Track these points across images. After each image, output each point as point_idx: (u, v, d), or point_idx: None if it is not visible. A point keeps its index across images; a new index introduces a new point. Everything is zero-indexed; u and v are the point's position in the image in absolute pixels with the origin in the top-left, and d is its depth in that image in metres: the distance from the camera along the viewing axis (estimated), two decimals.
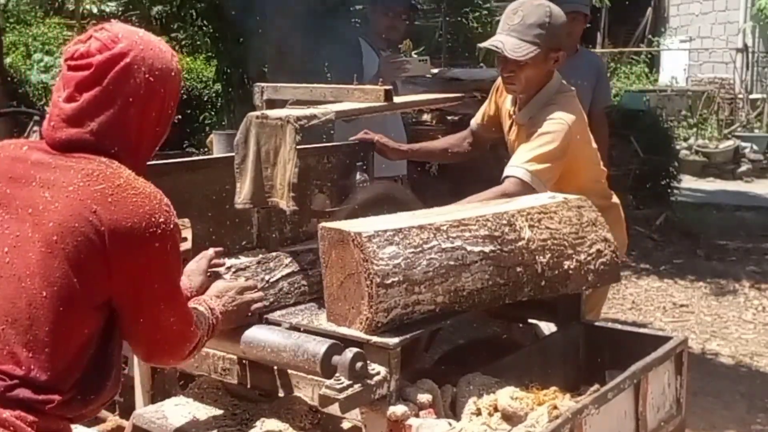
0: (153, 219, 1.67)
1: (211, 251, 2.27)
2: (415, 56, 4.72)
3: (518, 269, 2.35)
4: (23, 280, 1.62)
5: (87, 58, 1.71)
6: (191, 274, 2.20)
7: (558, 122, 3.01)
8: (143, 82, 1.72)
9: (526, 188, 2.92)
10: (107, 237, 1.63)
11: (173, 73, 1.80)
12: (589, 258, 2.52)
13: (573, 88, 3.23)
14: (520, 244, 2.37)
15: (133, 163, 1.75)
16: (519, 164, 2.97)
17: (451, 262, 2.21)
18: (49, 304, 1.61)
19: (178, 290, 1.81)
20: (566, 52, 3.15)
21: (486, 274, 2.28)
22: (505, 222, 2.37)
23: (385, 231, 2.13)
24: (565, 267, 2.46)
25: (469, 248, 2.25)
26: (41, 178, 1.67)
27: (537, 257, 2.40)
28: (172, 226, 1.70)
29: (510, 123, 3.30)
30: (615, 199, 3.47)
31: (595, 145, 3.32)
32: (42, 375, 1.62)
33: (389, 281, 2.08)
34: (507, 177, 2.98)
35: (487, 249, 2.29)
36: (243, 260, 2.42)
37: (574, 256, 2.48)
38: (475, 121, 3.55)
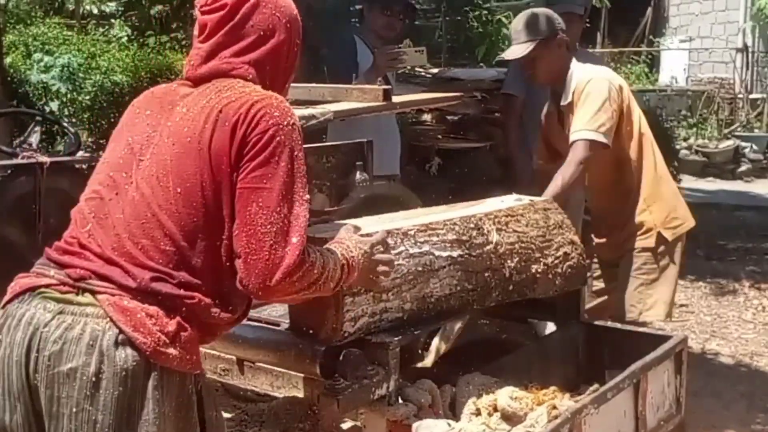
0: (269, 116, 1.73)
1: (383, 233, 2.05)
2: (411, 47, 4.67)
3: (486, 274, 2.32)
4: (161, 180, 1.74)
5: (220, 1, 1.86)
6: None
7: (589, 81, 3.35)
8: (271, 17, 1.88)
9: (594, 146, 3.26)
10: (229, 132, 1.72)
11: (295, 13, 1.95)
12: (556, 261, 2.50)
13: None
14: (488, 248, 2.34)
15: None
16: (580, 128, 3.29)
17: (419, 268, 2.16)
18: (182, 200, 1.72)
19: (282, 198, 1.72)
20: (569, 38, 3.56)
21: (454, 280, 2.24)
22: (472, 226, 2.33)
23: None
24: (533, 271, 2.44)
25: (437, 253, 2.21)
26: (184, 102, 1.82)
27: (505, 261, 2.37)
28: (288, 126, 1.75)
29: (561, 116, 3.54)
30: None
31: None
32: (179, 271, 1.71)
33: (356, 289, 2.02)
34: (573, 143, 3.29)
35: (455, 254, 2.25)
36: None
37: (541, 259, 2.46)
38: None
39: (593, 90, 3.33)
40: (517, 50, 3.45)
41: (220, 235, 1.74)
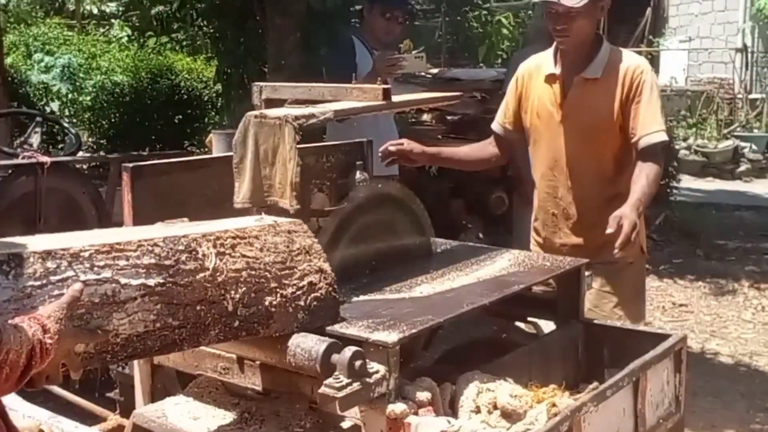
0: None
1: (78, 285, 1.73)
2: (412, 53, 4.68)
3: (199, 307, 1.95)
4: None
5: None
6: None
7: (646, 70, 3.16)
8: None
9: (665, 146, 3.18)
10: None
11: None
12: (298, 292, 2.14)
13: None
14: (201, 275, 1.96)
15: None
16: (657, 129, 3.11)
17: (96, 300, 1.77)
18: None
19: None
20: None
21: (151, 315, 1.86)
22: (182, 248, 1.95)
23: None
24: (266, 303, 2.07)
25: (124, 281, 1.82)
26: None
27: (227, 292, 2.00)
28: None
29: (562, 85, 3.24)
30: None
31: None
32: None
33: None
34: (653, 144, 3.08)
35: (152, 282, 1.87)
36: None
37: (278, 290, 2.10)
38: (500, 125, 3.46)
39: (655, 83, 3.18)
40: None
41: None
